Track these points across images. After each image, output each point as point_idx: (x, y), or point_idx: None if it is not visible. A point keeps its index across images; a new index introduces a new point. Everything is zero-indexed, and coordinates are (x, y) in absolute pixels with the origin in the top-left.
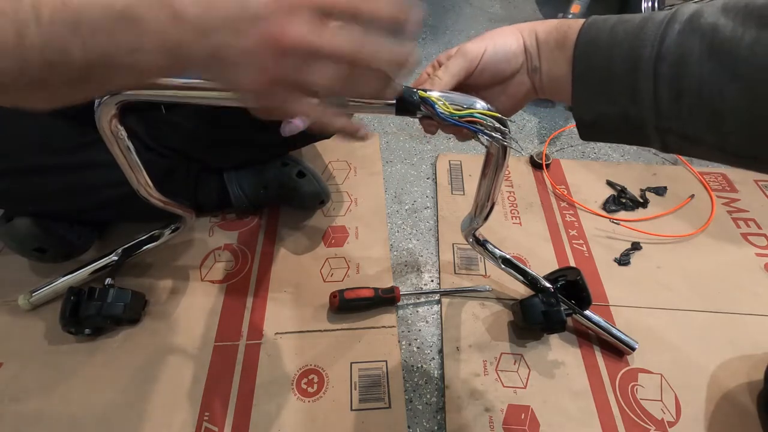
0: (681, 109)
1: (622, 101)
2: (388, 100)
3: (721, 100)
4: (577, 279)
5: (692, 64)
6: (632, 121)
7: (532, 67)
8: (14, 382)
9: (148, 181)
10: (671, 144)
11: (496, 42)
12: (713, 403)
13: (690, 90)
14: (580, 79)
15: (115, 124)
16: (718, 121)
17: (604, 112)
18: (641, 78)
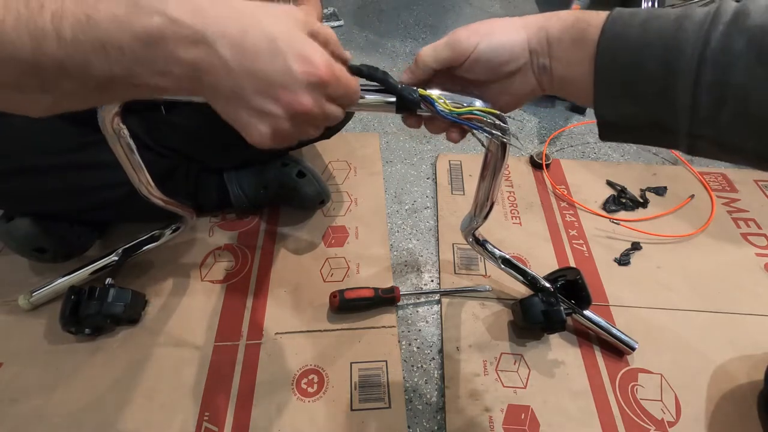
0: (721, 117)
1: (653, 104)
2: None
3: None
4: (576, 279)
5: (739, 69)
6: (661, 125)
7: (539, 67)
8: (14, 382)
9: (149, 180)
10: (701, 149)
11: (492, 39)
12: (713, 403)
13: (735, 97)
14: (603, 78)
15: (117, 122)
16: (763, 130)
17: (630, 114)
18: (680, 82)
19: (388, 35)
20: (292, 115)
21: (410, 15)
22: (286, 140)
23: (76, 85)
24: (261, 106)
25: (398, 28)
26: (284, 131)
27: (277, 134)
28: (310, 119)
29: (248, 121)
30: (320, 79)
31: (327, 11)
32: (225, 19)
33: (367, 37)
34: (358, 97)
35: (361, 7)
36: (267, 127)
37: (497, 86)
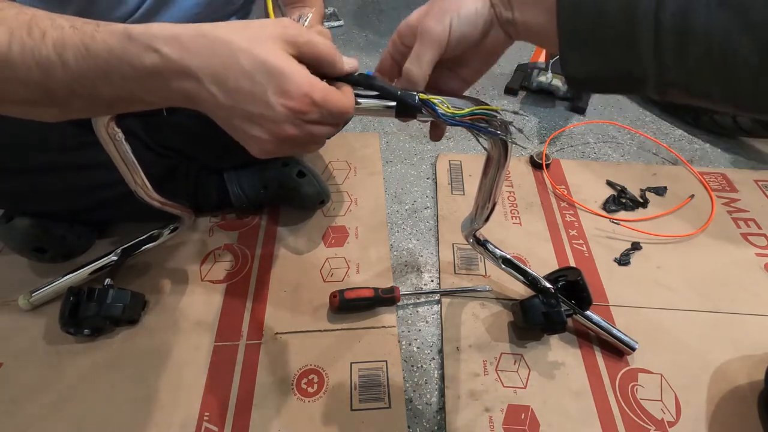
0: (686, 62)
1: (618, 54)
2: None
3: (732, 51)
4: (577, 279)
5: (699, 11)
6: (629, 75)
7: (503, 20)
8: (14, 382)
9: (146, 182)
10: (672, 96)
11: (459, 9)
12: (713, 403)
13: (697, 41)
14: (566, 34)
15: (112, 127)
16: (729, 72)
17: (597, 68)
18: (640, 29)
19: (388, 35)
20: (280, 140)
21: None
22: (285, 154)
23: (86, 103)
24: (250, 132)
25: None
26: (277, 151)
27: (271, 152)
28: (298, 143)
29: (243, 140)
30: (299, 111)
31: (327, 11)
32: (205, 55)
33: (367, 37)
34: (350, 115)
35: (361, 7)
36: (258, 148)
37: (470, 54)
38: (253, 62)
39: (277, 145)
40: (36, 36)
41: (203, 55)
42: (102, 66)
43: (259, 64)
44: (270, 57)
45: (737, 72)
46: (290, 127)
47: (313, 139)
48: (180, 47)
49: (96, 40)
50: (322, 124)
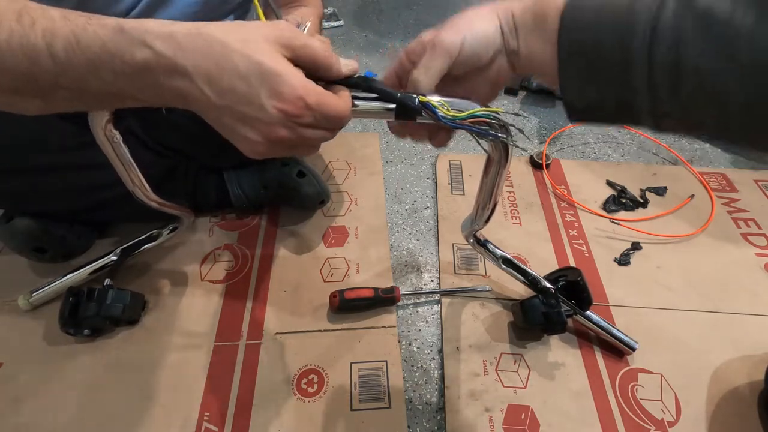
0: (679, 96)
1: (615, 87)
2: None
3: (722, 85)
4: (578, 279)
5: (689, 48)
6: (625, 107)
7: (510, 50)
8: (14, 382)
9: (144, 183)
10: (666, 126)
11: (474, 31)
12: (713, 404)
13: (688, 76)
14: (566, 65)
15: (109, 129)
16: (720, 105)
17: (595, 98)
18: (634, 64)
19: (388, 35)
20: (271, 142)
21: (410, 15)
22: (278, 155)
23: (72, 95)
24: (242, 132)
25: (398, 28)
26: (269, 153)
27: (263, 154)
28: (290, 146)
29: (234, 140)
30: (292, 114)
31: (327, 11)
32: (199, 53)
33: (367, 37)
34: (345, 120)
35: (361, 7)
36: (249, 149)
37: (476, 77)
38: (248, 63)
39: (268, 147)
40: (25, 23)
41: (197, 53)
42: (92, 59)
43: (254, 65)
44: (265, 59)
45: (727, 107)
46: (283, 129)
47: (305, 142)
48: (174, 44)
49: (87, 31)
50: (316, 127)
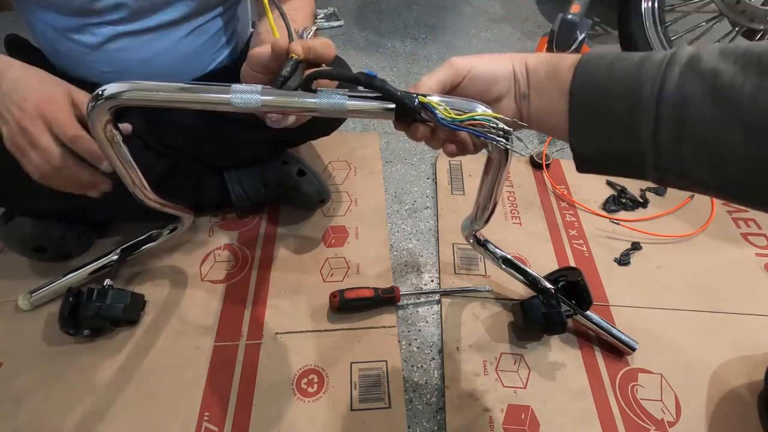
0: (682, 152)
1: (622, 140)
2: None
3: (724, 145)
4: (578, 280)
5: (694, 108)
6: (631, 159)
7: (520, 94)
8: (14, 382)
9: (144, 183)
10: (670, 181)
11: (484, 62)
12: (713, 404)
13: (692, 134)
14: (577, 117)
15: (110, 129)
16: (721, 165)
17: (603, 149)
18: (642, 118)
19: (388, 35)
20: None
21: (410, 15)
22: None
23: None
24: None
25: (398, 28)
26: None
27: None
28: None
29: None
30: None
31: (327, 11)
32: None
33: (367, 37)
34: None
35: (361, 7)
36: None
37: None
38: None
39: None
40: None
41: None
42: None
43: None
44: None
45: (728, 164)
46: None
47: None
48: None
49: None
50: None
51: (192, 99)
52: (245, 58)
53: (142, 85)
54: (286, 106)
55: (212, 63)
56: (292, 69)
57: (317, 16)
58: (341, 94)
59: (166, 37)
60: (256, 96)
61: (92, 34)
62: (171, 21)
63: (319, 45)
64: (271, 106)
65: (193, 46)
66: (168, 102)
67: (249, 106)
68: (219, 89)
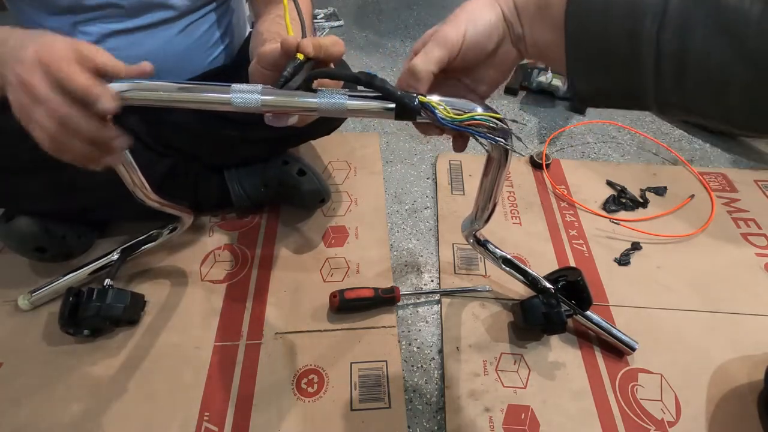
0: (685, 83)
1: (622, 74)
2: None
3: (727, 75)
4: (578, 280)
5: (697, 37)
6: (632, 92)
7: (515, 36)
8: (14, 382)
9: (144, 183)
10: (672, 113)
11: (476, 20)
12: (713, 404)
13: (695, 64)
14: (574, 52)
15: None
16: (724, 95)
17: (603, 84)
18: (643, 50)
19: (388, 35)
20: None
21: (410, 15)
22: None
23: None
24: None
25: (398, 28)
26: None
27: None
28: (37, 96)
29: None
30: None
31: (327, 11)
32: None
33: (367, 37)
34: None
35: (361, 7)
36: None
37: (483, 64)
38: None
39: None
40: None
41: None
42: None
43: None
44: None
45: (731, 94)
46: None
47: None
48: None
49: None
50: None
51: (192, 98)
52: (244, 59)
53: (142, 85)
54: (286, 106)
55: (207, 61)
56: (294, 69)
57: (317, 16)
58: (341, 93)
59: (158, 34)
60: (256, 96)
61: (84, 34)
62: (164, 19)
63: (329, 43)
64: (272, 106)
65: (187, 43)
66: (168, 101)
67: (249, 106)
68: (219, 89)
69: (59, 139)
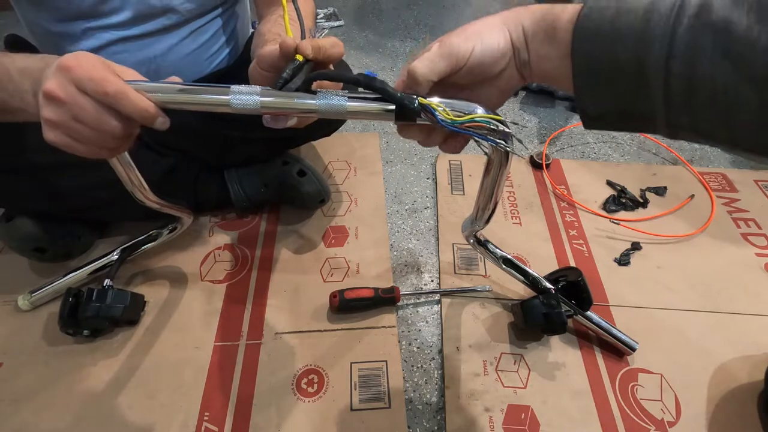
0: (693, 106)
1: (630, 97)
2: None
3: (735, 99)
4: (578, 280)
5: (705, 62)
6: (641, 116)
7: (521, 62)
8: (14, 382)
9: (143, 184)
10: (681, 136)
11: (483, 40)
12: (713, 403)
13: (703, 88)
14: (581, 77)
15: None
16: (732, 119)
17: (610, 107)
18: (651, 76)
19: (388, 35)
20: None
21: (410, 15)
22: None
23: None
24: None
25: (398, 28)
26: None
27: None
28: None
29: None
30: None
31: (327, 11)
32: None
33: (367, 37)
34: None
35: (361, 7)
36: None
37: (485, 86)
38: None
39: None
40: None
41: None
42: None
43: None
44: None
45: (739, 119)
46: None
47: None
48: None
49: None
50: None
51: (191, 100)
52: (246, 60)
53: (142, 87)
54: (285, 108)
55: (212, 64)
56: (294, 71)
57: (317, 16)
58: (341, 95)
59: (163, 40)
60: (255, 98)
61: (91, 39)
62: (169, 25)
63: (328, 44)
64: (271, 108)
65: (192, 48)
66: (168, 103)
67: (248, 108)
68: (218, 90)
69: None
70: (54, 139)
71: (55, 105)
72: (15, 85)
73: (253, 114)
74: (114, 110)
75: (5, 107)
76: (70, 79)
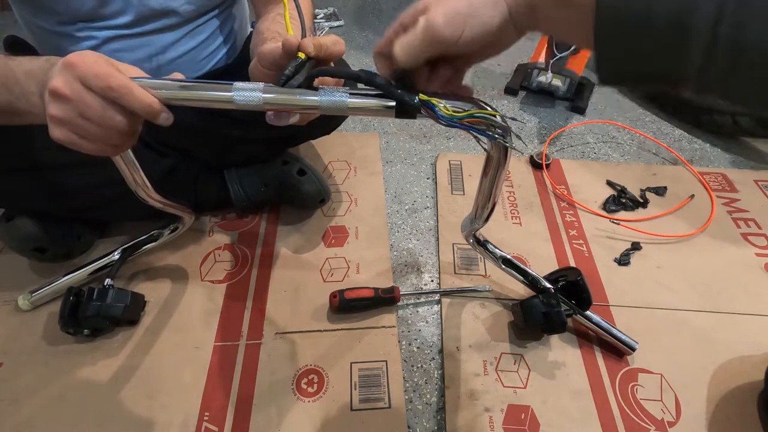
0: (732, 74)
1: (663, 62)
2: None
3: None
4: (578, 279)
5: (758, 28)
6: (670, 80)
7: (524, 26)
8: (14, 382)
9: (146, 182)
10: (707, 97)
11: (475, 21)
12: (713, 403)
13: (751, 57)
14: (605, 44)
15: None
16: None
17: (634, 74)
18: (693, 42)
19: None
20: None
21: None
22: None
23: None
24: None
25: None
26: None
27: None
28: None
29: None
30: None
31: (327, 11)
32: None
33: (367, 37)
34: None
35: (361, 7)
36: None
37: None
38: None
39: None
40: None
41: None
42: None
43: None
44: None
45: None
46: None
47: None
48: None
49: None
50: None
51: (194, 96)
52: (245, 58)
53: (146, 83)
54: (288, 104)
55: (210, 63)
56: (296, 68)
57: (317, 16)
58: (342, 91)
59: (162, 39)
60: (258, 94)
61: (89, 38)
62: (168, 25)
63: (329, 42)
64: (273, 104)
65: (190, 46)
66: (170, 99)
67: (251, 104)
68: (221, 87)
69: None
70: (60, 136)
71: (61, 102)
72: (21, 88)
73: (256, 110)
74: (119, 106)
75: (12, 110)
76: (76, 75)
